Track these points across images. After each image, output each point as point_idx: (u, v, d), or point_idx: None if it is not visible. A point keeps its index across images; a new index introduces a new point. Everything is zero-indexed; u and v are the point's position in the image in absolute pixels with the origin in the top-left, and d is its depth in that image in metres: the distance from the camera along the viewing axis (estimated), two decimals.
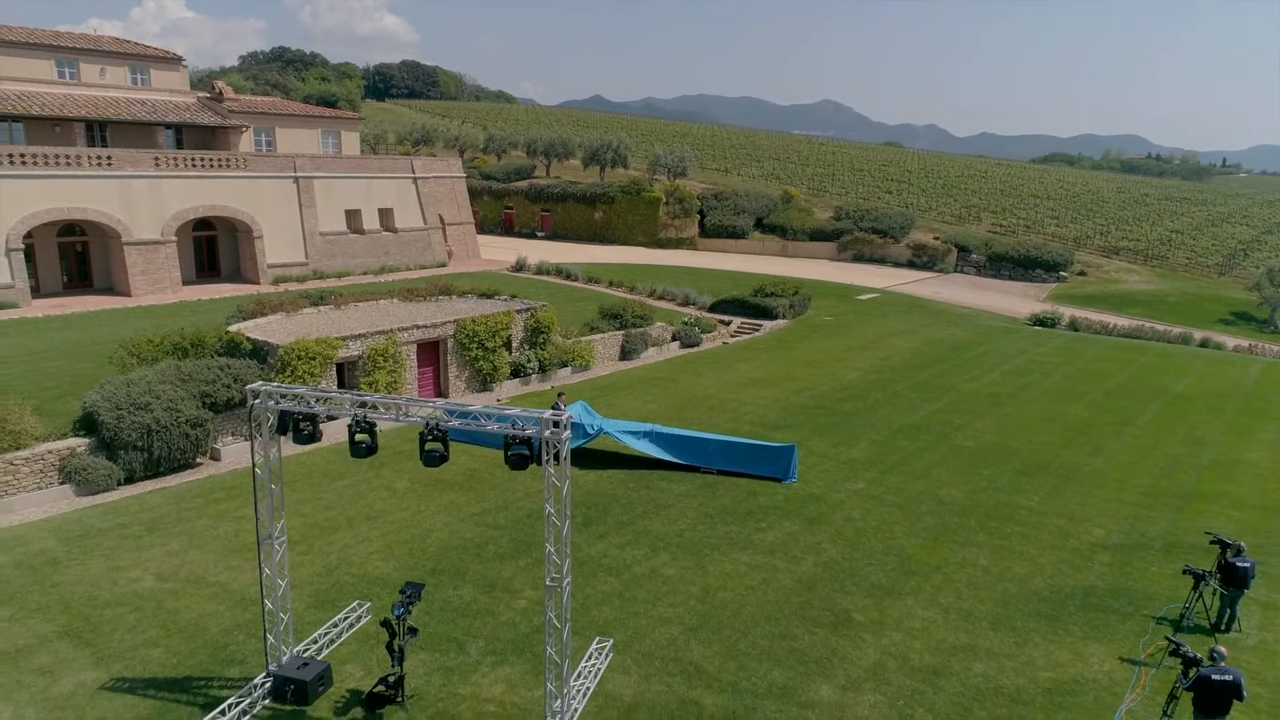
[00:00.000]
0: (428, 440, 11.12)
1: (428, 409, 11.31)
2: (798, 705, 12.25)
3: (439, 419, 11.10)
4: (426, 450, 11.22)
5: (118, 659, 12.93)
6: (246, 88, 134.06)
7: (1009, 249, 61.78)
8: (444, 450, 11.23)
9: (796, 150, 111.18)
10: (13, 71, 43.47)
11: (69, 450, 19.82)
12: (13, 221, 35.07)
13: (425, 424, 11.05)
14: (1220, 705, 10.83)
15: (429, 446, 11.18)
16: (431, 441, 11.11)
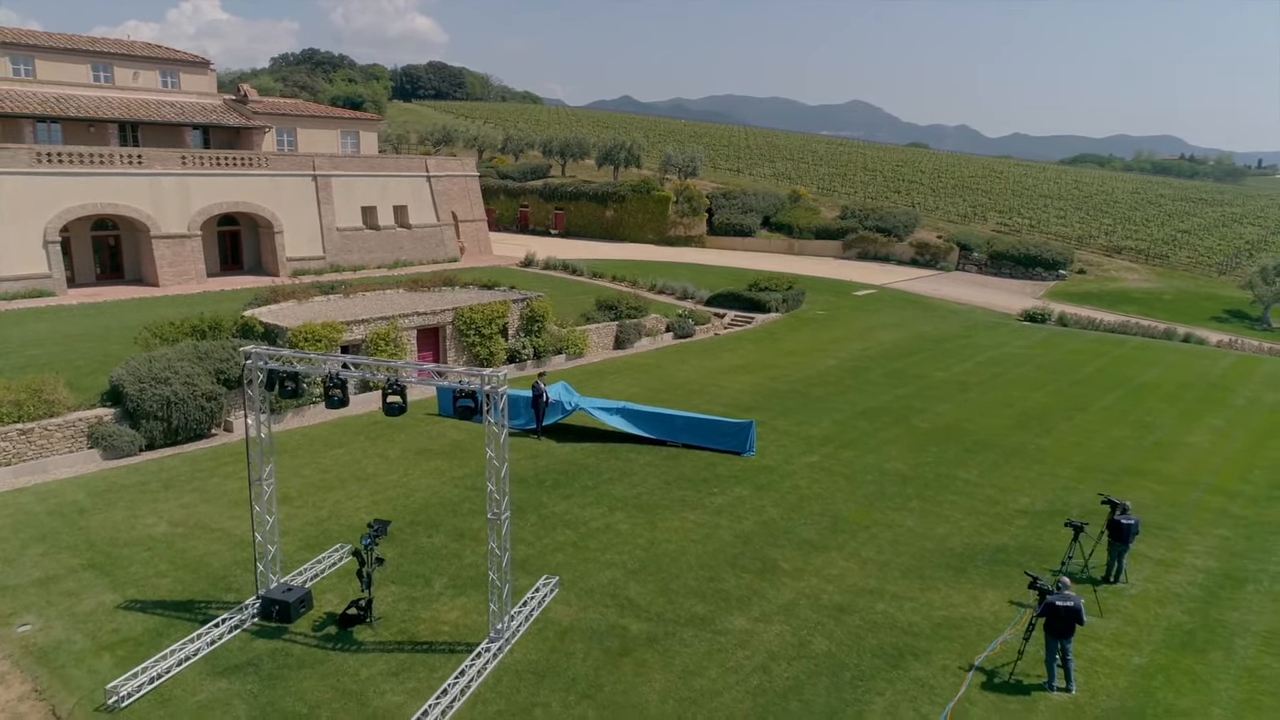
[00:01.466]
0: (388, 394, 13.10)
1: (389, 367, 13.26)
2: (712, 632, 14.08)
3: (398, 375, 13.06)
4: (388, 402, 13.19)
5: (132, 585, 15.06)
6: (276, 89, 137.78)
7: (1010, 248, 62.87)
8: (403, 403, 13.21)
9: (812, 150, 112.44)
10: (52, 75, 46.28)
11: (97, 419, 22.09)
12: (50, 216, 37.68)
13: (386, 380, 13.03)
14: (1065, 628, 12.50)
15: (390, 399, 13.16)
16: (391, 395, 13.10)
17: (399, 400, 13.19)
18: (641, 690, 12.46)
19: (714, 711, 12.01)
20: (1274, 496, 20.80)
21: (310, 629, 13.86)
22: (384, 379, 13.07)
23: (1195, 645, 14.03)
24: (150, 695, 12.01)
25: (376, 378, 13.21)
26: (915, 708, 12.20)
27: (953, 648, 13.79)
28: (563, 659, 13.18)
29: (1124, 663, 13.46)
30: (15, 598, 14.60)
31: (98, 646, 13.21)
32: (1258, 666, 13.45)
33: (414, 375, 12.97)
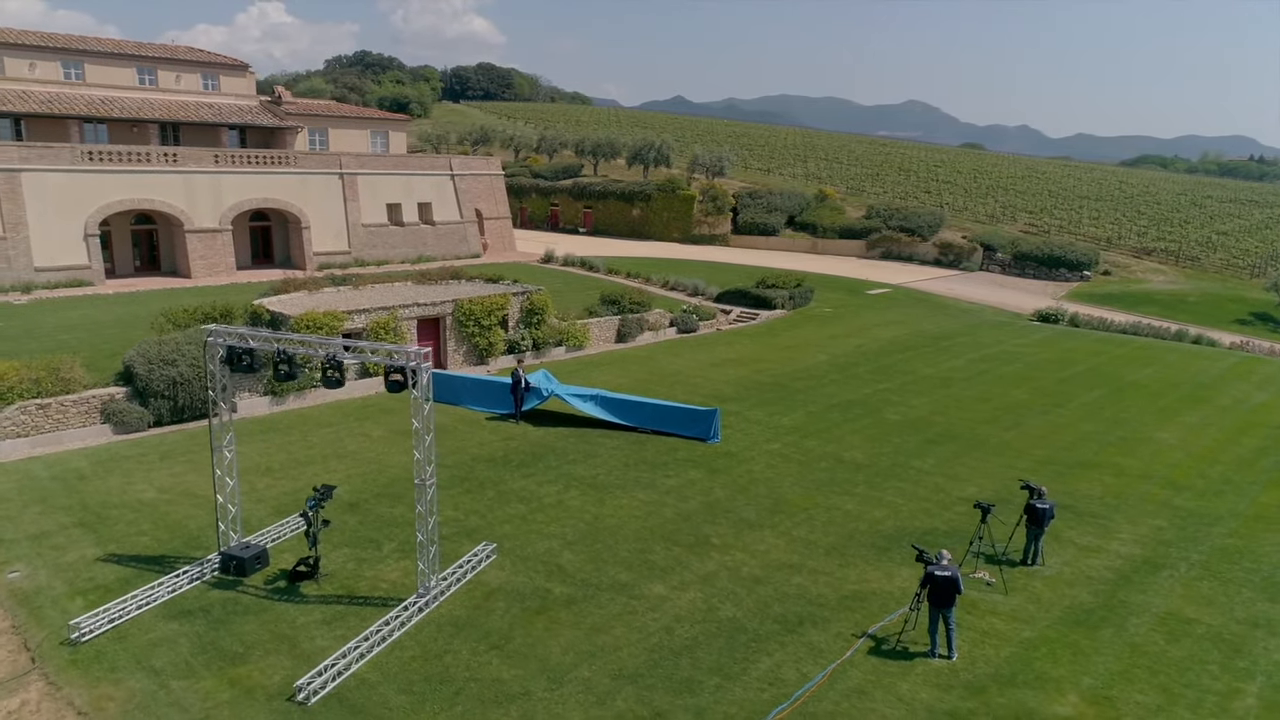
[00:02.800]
0: (327, 369, 14.41)
1: (331, 345, 14.55)
2: (629, 597, 15.12)
3: (336, 351, 14.36)
4: (325, 375, 14.50)
5: (113, 542, 16.65)
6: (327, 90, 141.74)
7: (1035, 248, 62.41)
8: (340, 376, 14.51)
9: (850, 150, 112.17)
10: (100, 79, 49.04)
11: (110, 397, 23.94)
12: (91, 211, 40.14)
13: (325, 356, 14.34)
14: (944, 597, 13.26)
15: (328, 373, 14.47)
16: (330, 370, 14.41)
17: (286, 368, 14.44)
18: (547, 644, 13.56)
19: (608, 663, 13.06)
20: (1222, 490, 21.05)
21: (262, 583, 15.25)
22: (323, 355, 14.37)
23: (1089, 623, 14.64)
24: (109, 633, 13.48)
25: (318, 355, 14.51)
26: (798, 667, 13.09)
27: (853, 618, 14.62)
28: (483, 615, 14.36)
29: (1013, 636, 14.15)
30: (9, 549, 16.28)
31: (73, 591, 14.77)
32: (1143, 643, 14.02)
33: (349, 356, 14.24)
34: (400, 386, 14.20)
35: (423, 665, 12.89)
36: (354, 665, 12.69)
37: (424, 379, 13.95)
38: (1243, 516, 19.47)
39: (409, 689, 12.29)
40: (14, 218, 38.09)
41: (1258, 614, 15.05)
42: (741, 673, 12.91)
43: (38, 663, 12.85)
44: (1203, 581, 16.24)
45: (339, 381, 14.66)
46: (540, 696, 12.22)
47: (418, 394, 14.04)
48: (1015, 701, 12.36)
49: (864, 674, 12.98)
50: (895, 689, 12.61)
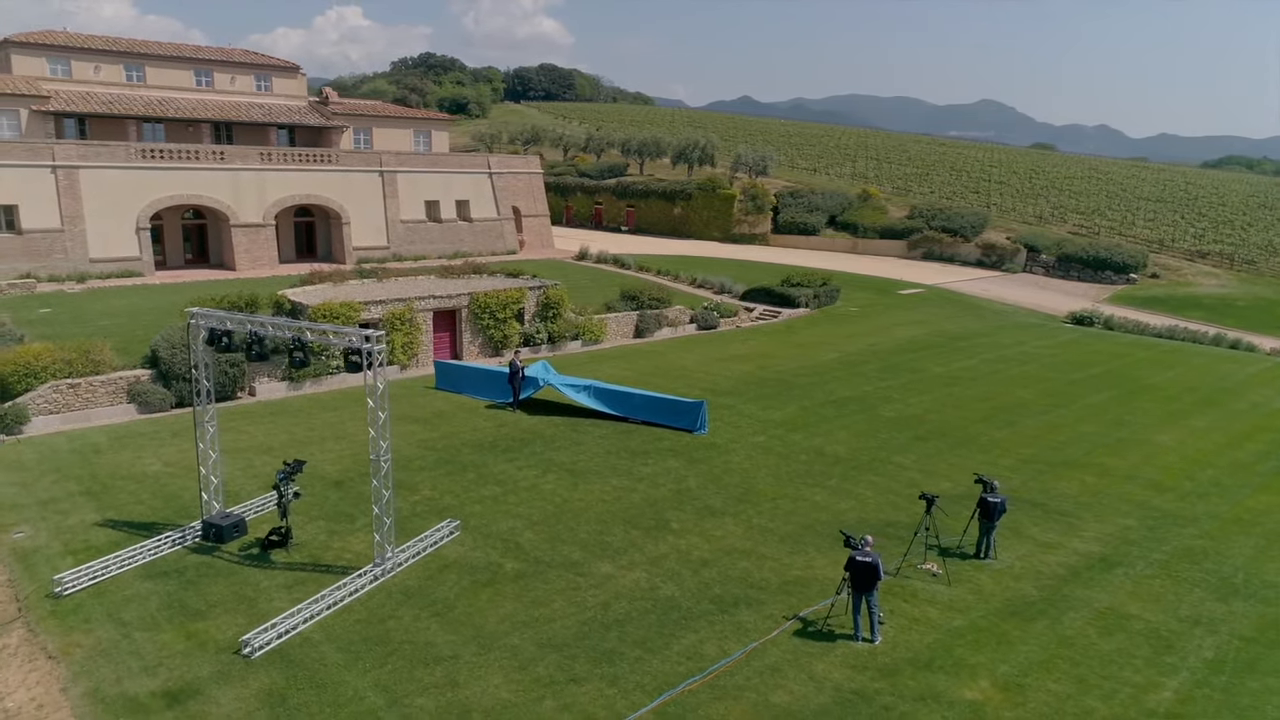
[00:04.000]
0: (293, 350, 15.40)
1: (295, 327, 15.53)
2: (575, 573, 15.78)
3: (299, 334, 15.33)
4: (291, 356, 15.50)
5: (113, 509, 17.97)
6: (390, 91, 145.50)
7: (1080, 250, 60.98)
8: (304, 356, 15.49)
9: (904, 150, 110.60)
10: (159, 81, 51.70)
11: (135, 378, 25.56)
12: (143, 205, 42.45)
13: (291, 339, 15.33)
14: (866, 582, 13.58)
15: (294, 354, 15.46)
16: (296, 351, 15.39)
17: (257, 347, 15.53)
18: (486, 613, 14.31)
19: (539, 633, 13.74)
20: (1207, 493, 20.71)
21: (238, 549, 16.34)
22: (290, 336, 15.37)
23: (1025, 615, 14.76)
24: (89, 589, 14.68)
25: (285, 335, 15.52)
26: (721, 644, 13.57)
27: (789, 601, 15.02)
28: (434, 586, 15.18)
29: (942, 624, 14.38)
30: (19, 512, 17.73)
31: (66, 551, 16.06)
32: (1074, 636, 14.11)
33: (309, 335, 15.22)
34: (357, 367, 15.10)
35: (365, 628, 13.75)
36: (300, 625, 13.62)
37: (379, 360, 14.81)
38: (1220, 519, 19.18)
39: (347, 648, 13.16)
40: (72, 212, 40.54)
41: (1202, 613, 14.96)
42: (664, 647, 13.45)
43: (23, 612, 14.10)
44: (1156, 580, 16.16)
45: (304, 361, 15.66)
46: (467, 660, 12.96)
47: (370, 374, 14.91)
48: (925, 684, 12.64)
49: (783, 653, 13.40)
50: (810, 668, 13.00)
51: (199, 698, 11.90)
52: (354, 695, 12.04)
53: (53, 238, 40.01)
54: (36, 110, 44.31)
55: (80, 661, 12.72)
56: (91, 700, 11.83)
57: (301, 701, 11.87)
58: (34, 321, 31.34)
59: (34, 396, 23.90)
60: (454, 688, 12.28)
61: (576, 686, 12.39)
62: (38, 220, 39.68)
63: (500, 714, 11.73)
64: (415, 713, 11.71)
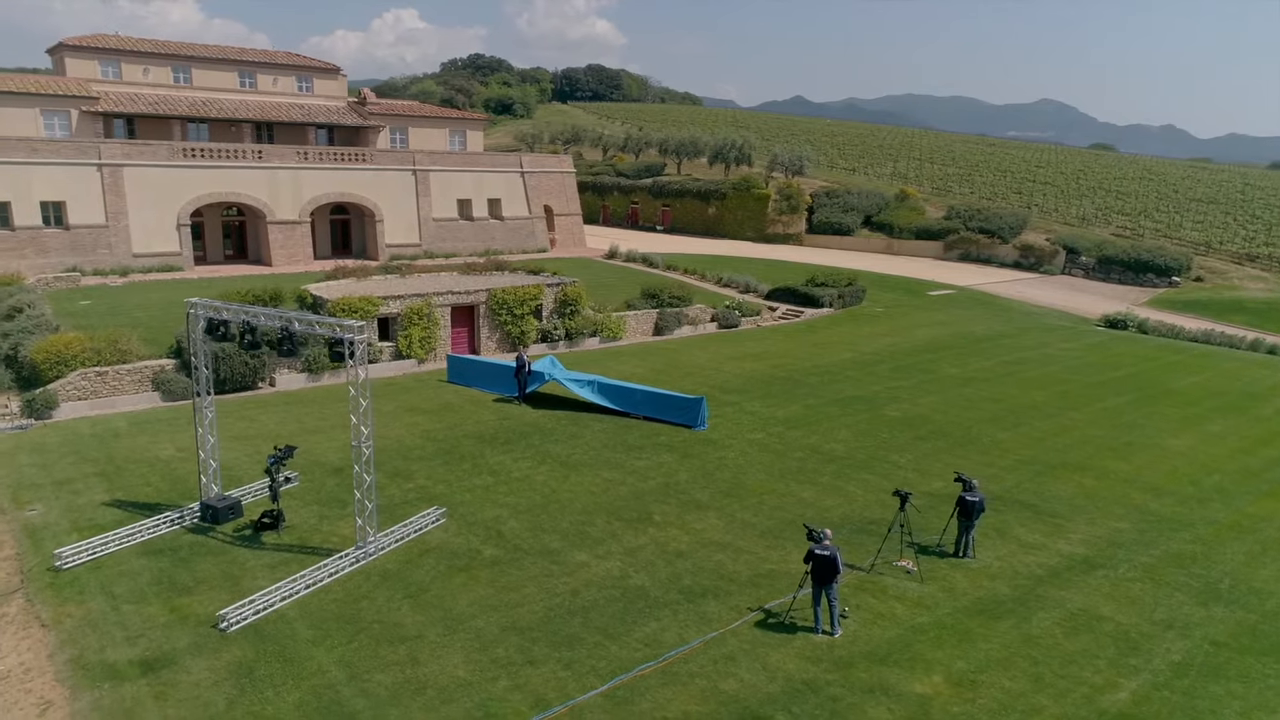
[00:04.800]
0: (281, 340, 16.01)
1: (283, 318, 16.14)
2: (550, 561, 16.14)
3: (288, 324, 15.94)
4: (280, 345, 16.11)
5: (121, 490, 18.84)
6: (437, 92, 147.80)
7: (1121, 252, 59.58)
8: (292, 345, 16.08)
9: (948, 150, 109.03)
10: (205, 82, 53.45)
11: (160, 367, 26.61)
12: (183, 202, 43.98)
13: (280, 329, 15.95)
14: (825, 575, 13.69)
15: (282, 344, 16.07)
16: (284, 342, 16.01)
17: (249, 336, 16.13)
18: (458, 596, 14.74)
19: (504, 616, 14.12)
20: (1209, 498, 20.27)
21: (231, 531, 17.04)
22: (278, 327, 15.99)
23: (993, 613, 14.71)
24: (88, 564, 15.47)
25: (273, 324, 16.14)
26: (680, 633, 13.80)
27: (756, 594, 15.17)
28: (411, 570, 15.66)
29: (907, 620, 14.41)
30: (36, 491, 18.69)
31: (73, 528, 16.91)
32: (1039, 635, 14.03)
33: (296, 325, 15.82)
34: (341, 357, 15.66)
35: (339, 608, 14.28)
36: (278, 603, 14.19)
37: (360, 351, 15.35)
38: (1217, 524, 18.79)
39: (319, 626, 13.70)
40: (116, 208, 42.19)
41: (1178, 617, 14.75)
42: (624, 634, 13.73)
43: (25, 584, 14.93)
44: (1136, 583, 15.95)
45: (292, 351, 16.25)
46: (431, 640, 13.40)
47: (352, 363, 15.45)
48: (876, 677, 12.72)
49: (741, 643, 13.57)
50: (765, 658, 13.16)
51: (173, 667, 12.52)
52: (317, 670, 12.55)
53: (98, 233, 41.68)
54: (86, 111, 46.18)
55: (69, 630, 13.44)
56: (74, 666, 12.52)
57: (267, 674, 12.41)
58: (74, 313, 32.73)
59: (64, 384, 25.05)
60: (414, 665, 12.72)
61: (532, 668, 12.73)
62: (84, 216, 41.38)
63: (454, 691, 12.13)
64: (373, 688, 12.17)
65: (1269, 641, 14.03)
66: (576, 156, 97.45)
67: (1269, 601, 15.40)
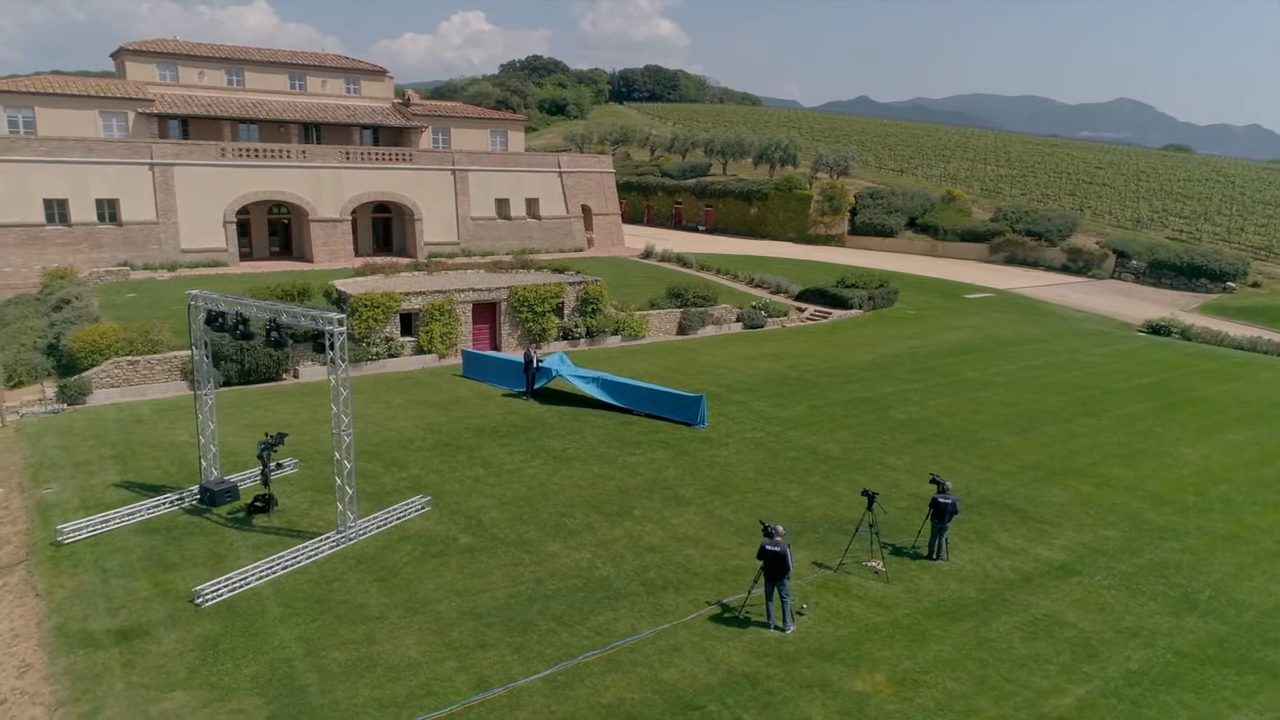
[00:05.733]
0: (270, 331, 16.74)
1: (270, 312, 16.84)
2: (522, 550, 16.55)
3: (276, 316, 16.64)
4: (267, 336, 16.83)
5: (133, 471, 19.87)
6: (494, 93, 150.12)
7: (1173, 256, 57.65)
8: (280, 336, 16.79)
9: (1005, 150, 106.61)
10: (257, 85, 55.38)
11: (188, 358, 27.79)
12: (230, 200, 45.70)
13: (268, 320, 16.67)
14: (775, 571, 13.81)
15: (270, 335, 16.79)
16: (272, 332, 16.73)
17: (242, 326, 16.83)
18: (425, 581, 15.25)
19: (466, 601, 14.58)
20: (1210, 509, 19.69)
21: (226, 513, 17.86)
22: (266, 318, 16.73)
23: (954, 615, 14.63)
24: (88, 539, 16.41)
25: (262, 315, 16.88)
26: (633, 623, 14.08)
27: (718, 588, 15.34)
28: (387, 554, 16.24)
29: (864, 619, 14.43)
30: (55, 471, 19.83)
31: (81, 506, 17.92)
32: (996, 639, 13.92)
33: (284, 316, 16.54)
34: (323, 348, 16.30)
35: (311, 588, 14.91)
36: (254, 581, 14.89)
37: (339, 342, 15.97)
38: (1212, 534, 18.28)
39: (288, 604, 14.33)
40: (166, 205, 44.07)
41: (1145, 625, 14.46)
42: (578, 622, 14.06)
43: (28, 556, 15.91)
44: (1110, 591, 15.66)
45: (280, 342, 16.97)
46: (391, 621, 13.92)
47: (332, 353, 16.08)
48: (818, 673, 12.81)
49: (691, 635, 13.78)
50: (711, 651, 13.35)
51: (145, 638, 13.27)
52: (278, 645, 13.16)
53: (148, 229, 43.59)
54: (142, 113, 48.29)
55: (59, 600, 14.32)
56: (56, 634, 13.36)
57: (230, 647, 13.07)
58: (119, 305, 34.36)
59: (98, 371, 26.42)
60: (370, 644, 13.25)
61: (482, 652, 13.15)
62: (136, 213, 43.32)
63: (402, 670, 12.61)
64: (327, 664, 12.72)
65: (1236, 654, 13.69)
66: (624, 157, 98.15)
67: (1247, 614, 14.99)
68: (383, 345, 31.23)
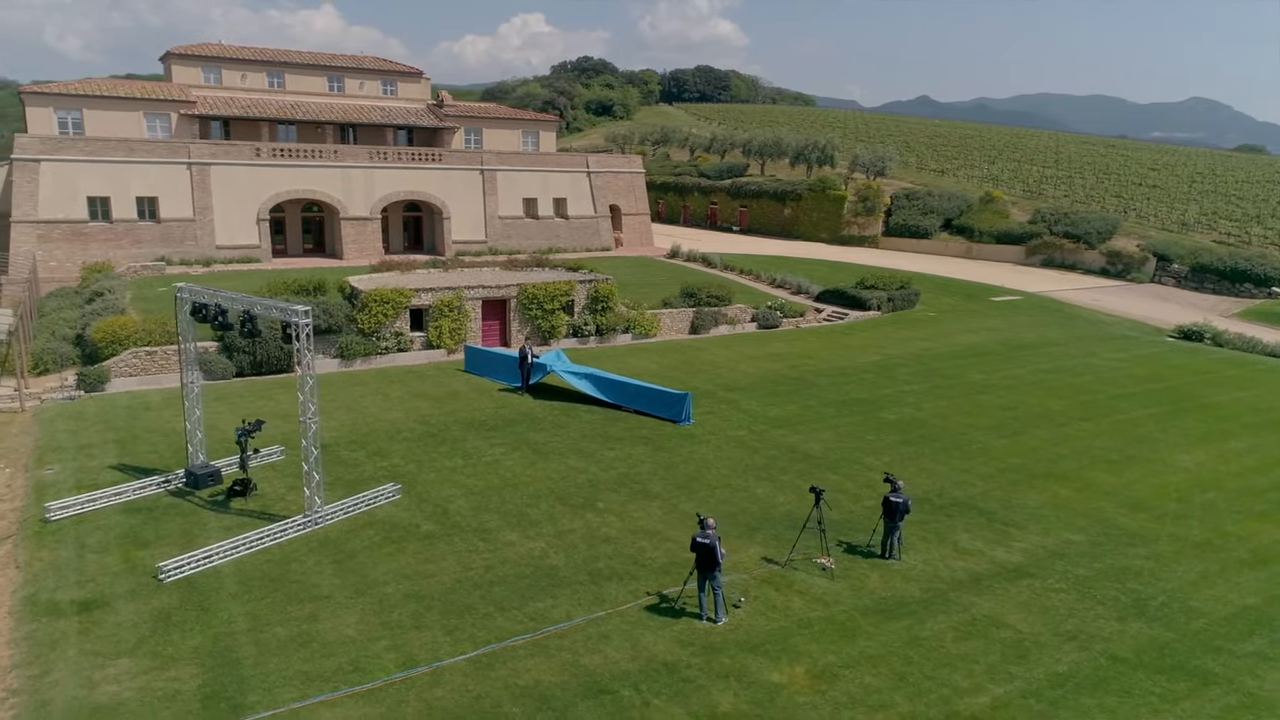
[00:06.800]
0: (243, 323, 17.50)
1: (246, 303, 17.60)
2: (480, 538, 17.03)
3: (249, 308, 17.40)
4: (242, 327, 17.59)
5: (130, 455, 20.89)
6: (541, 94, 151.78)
7: (1217, 260, 55.84)
8: (255, 327, 17.54)
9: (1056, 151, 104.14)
10: (297, 87, 57.10)
11: (204, 349, 28.97)
12: (263, 198, 47.27)
13: (242, 312, 17.43)
14: (705, 563, 14.02)
15: (244, 326, 17.55)
16: (247, 322, 17.48)
17: (222, 318, 17.58)
18: (379, 564, 15.82)
19: (413, 585, 15.09)
20: (1188, 515, 19.24)
21: (207, 496, 18.70)
22: (241, 310, 17.50)
23: (891, 613, 14.65)
24: (75, 516, 17.36)
25: (237, 306, 17.65)
26: (569, 610, 14.43)
27: (663, 580, 15.60)
28: (349, 538, 16.86)
29: (799, 614, 14.54)
30: (60, 453, 20.95)
31: (76, 486, 18.93)
32: (927, 637, 13.92)
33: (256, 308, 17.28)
34: (290, 338, 16.99)
35: (270, 568, 15.59)
36: (216, 560, 15.62)
37: (304, 333, 16.63)
38: (1183, 541, 17.91)
39: (245, 582, 15.02)
40: (203, 203, 45.78)
41: (1086, 629, 14.31)
42: (515, 608, 14.47)
43: (19, 531, 16.91)
44: (1060, 594, 15.51)
45: (255, 332, 17.72)
46: (338, 600, 14.51)
47: (299, 344, 16.75)
48: (738, 664, 13.01)
49: (623, 624, 14.09)
50: (638, 639, 13.64)
51: (105, 609, 14.06)
52: (226, 619, 13.84)
53: (185, 226, 45.34)
54: (184, 114, 50.22)
55: (35, 572, 15.23)
56: (26, 603, 14.23)
57: (181, 619, 13.78)
58: (150, 298, 35.85)
59: (117, 361, 27.71)
60: (312, 622, 13.84)
61: (417, 632, 13.64)
62: (174, 210, 45.10)
63: (336, 647, 13.16)
64: (266, 639, 13.34)
65: (1173, 660, 13.49)
66: (663, 157, 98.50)
67: (1197, 621, 14.72)
68: (392, 340, 32.08)
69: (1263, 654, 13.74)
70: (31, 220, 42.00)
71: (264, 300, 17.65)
